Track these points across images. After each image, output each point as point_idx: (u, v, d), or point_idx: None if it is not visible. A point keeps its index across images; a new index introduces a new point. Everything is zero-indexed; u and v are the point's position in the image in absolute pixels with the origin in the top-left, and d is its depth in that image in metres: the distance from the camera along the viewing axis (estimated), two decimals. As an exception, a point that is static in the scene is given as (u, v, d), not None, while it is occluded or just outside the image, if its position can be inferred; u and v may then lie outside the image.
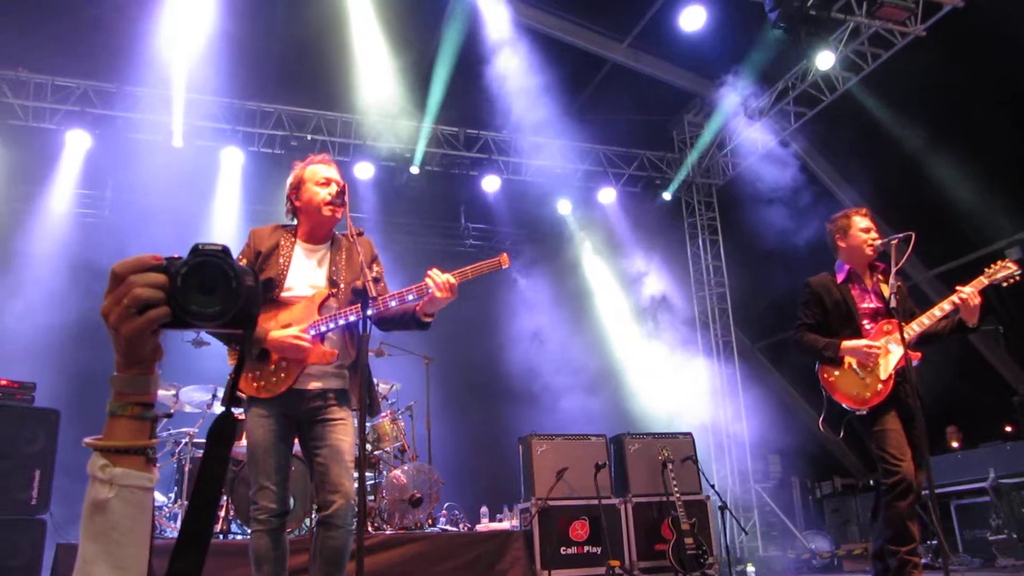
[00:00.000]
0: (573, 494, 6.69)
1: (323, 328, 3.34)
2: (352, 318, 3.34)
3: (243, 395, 3.34)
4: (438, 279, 3.27)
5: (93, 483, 1.14)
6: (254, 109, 9.78)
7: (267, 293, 3.38)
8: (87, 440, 1.17)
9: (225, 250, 1.15)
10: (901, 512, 4.08)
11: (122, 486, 1.13)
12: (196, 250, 1.14)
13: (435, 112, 9.99)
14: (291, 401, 3.33)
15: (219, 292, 1.12)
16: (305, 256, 3.52)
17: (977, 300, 4.22)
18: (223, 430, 1.18)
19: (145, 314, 1.11)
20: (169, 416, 6.46)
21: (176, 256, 1.14)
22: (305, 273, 3.48)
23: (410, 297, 3.34)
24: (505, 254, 3.47)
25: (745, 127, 10.86)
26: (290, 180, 3.60)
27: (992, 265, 4.38)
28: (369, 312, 3.12)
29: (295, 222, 3.62)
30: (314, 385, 3.37)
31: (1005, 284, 4.33)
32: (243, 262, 3.39)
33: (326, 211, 3.48)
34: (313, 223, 3.54)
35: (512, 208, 11.16)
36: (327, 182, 3.51)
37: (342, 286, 3.46)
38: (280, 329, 3.29)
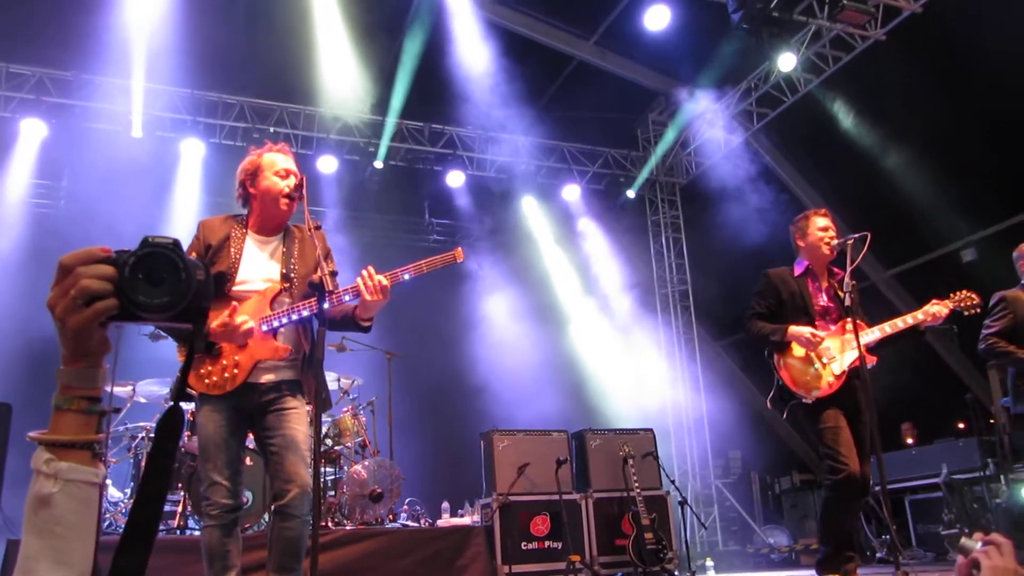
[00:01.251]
0: (534, 489, 6.70)
1: (275, 323, 3.29)
2: (305, 313, 3.29)
3: (194, 392, 3.27)
4: (368, 281, 3.19)
5: (37, 477, 1.12)
6: (215, 100, 9.65)
7: (219, 287, 3.29)
8: (32, 434, 1.15)
9: (175, 243, 1.14)
10: (841, 509, 4.20)
11: (67, 481, 1.11)
12: (145, 242, 1.13)
13: (400, 107, 9.93)
14: (243, 395, 3.29)
15: (167, 284, 1.11)
16: (257, 248, 3.46)
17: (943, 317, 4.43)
18: (170, 424, 1.17)
19: (92, 306, 1.09)
20: (118, 411, 6.36)
21: (127, 250, 1.13)
22: (257, 266, 3.42)
23: (347, 298, 3.28)
24: (459, 248, 3.43)
25: (708, 127, 10.97)
26: (244, 166, 3.51)
27: (958, 292, 4.53)
28: (325, 306, 3.09)
29: (246, 211, 3.55)
30: (267, 378, 3.33)
31: (966, 313, 4.52)
32: (193, 256, 3.33)
33: (283, 203, 3.43)
34: (267, 213, 3.47)
35: (476, 204, 11.15)
36: (286, 174, 3.46)
37: (295, 280, 3.41)
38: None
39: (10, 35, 8.44)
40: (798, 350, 4.43)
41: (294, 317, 3.30)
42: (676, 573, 6.59)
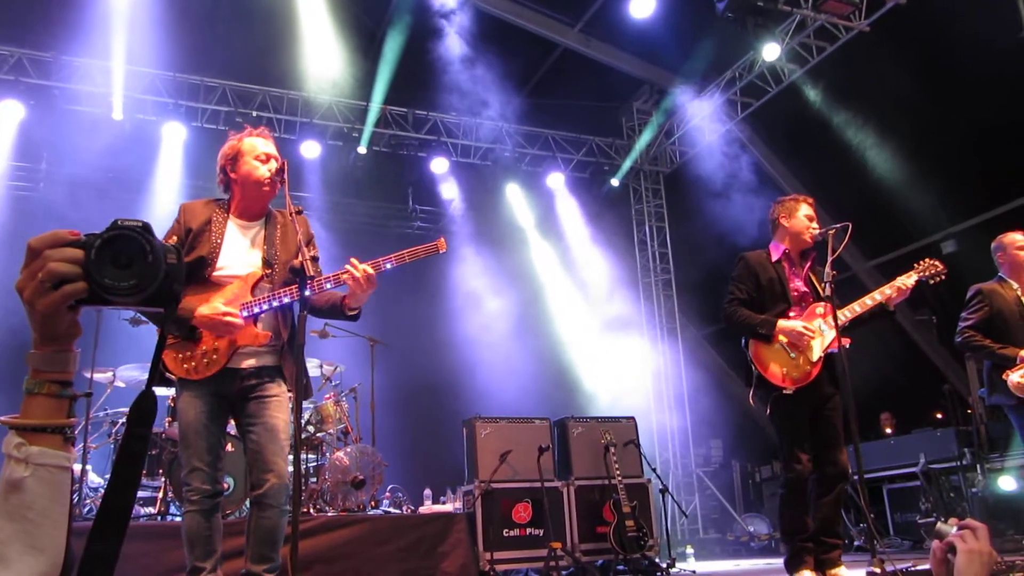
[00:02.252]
0: (516, 477, 6.71)
1: (256, 310, 3.26)
2: (286, 300, 3.27)
3: (174, 377, 3.24)
4: (356, 272, 3.18)
5: (8, 462, 1.10)
6: (197, 83, 9.55)
7: (199, 272, 3.27)
8: (2, 418, 1.13)
9: (145, 226, 1.12)
10: (798, 505, 4.26)
11: (38, 465, 1.10)
12: (114, 224, 1.11)
13: (384, 92, 9.88)
14: (224, 381, 3.26)
15: (135, 267, 1.09)
16: (239, 233, 3.43)
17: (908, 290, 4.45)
18: (142, 408, 1.16)
19: (60, 289, 1.08)
20: (89, 395, 6.29)
21: (95, 233, 1.11)
22: (239, 251, 3.39)
23: (328, 286, 3.25)
24: (442, 239, 3.41)
25: (692, 116, 10.98)
26: (224, 151, 3.48)
27: (923, 261, 4.53)
28: (306, 292, 3.06)
29: (228, 195, 3.52)
30: (247, 364, 3.31)
31: (931, 282, 4.52)
32: (173, 239, 3.32)
33: (265, 187, 3.40)
34: (249, 198, 3.45)
35: (460, 190, 11.12)
36: (267, 158, 3.42)
37: (276, 267, 3.39)
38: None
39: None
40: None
41: (275, 304, 3.27)
42: (656, 560, 6.62)
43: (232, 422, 3.47)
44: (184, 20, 8.46)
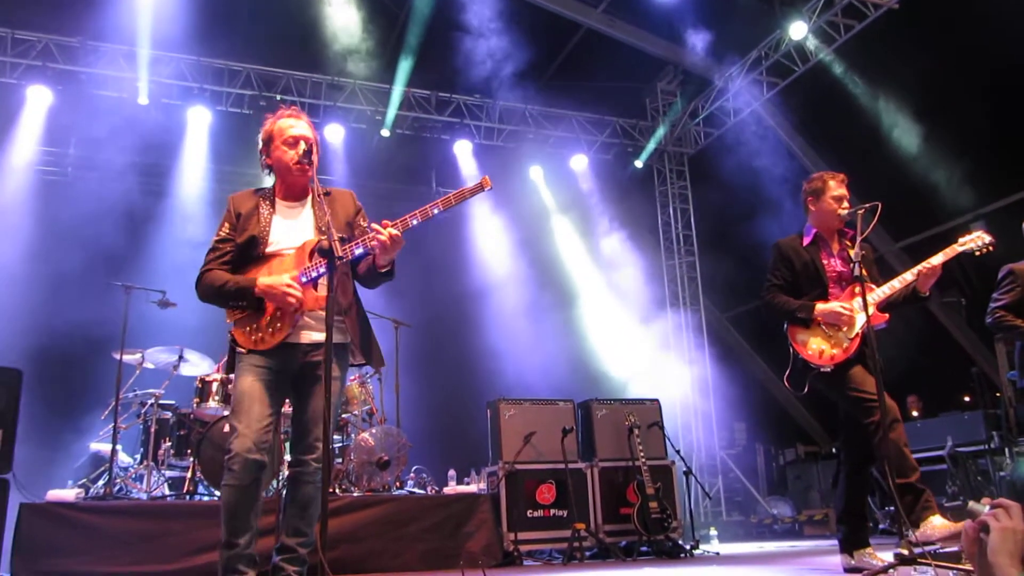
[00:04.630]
0: (540, 458, 6.73)
1: (313, 274, 3.31)
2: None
3: (242, 349, 3.31)
4: (381, 235, 3.22)
5: None
6: (222, 68, 9.60)
7: (253, 250, 3.36)
8: None
9: None
10: (896, 442, 4.11)
11: None
12: None
13: (407, 75, 9.87)
14: (287, 356, 3.30)
15: None
16: (286, 212, 3.49)
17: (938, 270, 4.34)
18: None
19: None
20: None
21: None
22: (288, 228, 3.44)
23: (358, 251, 3.31)
24: (487, 177, 3.36)
25: (717, 96, 10.87)
26: (261, 135, 3.54)
27: (966, 233, 4.44)
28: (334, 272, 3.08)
29: (271, 179, 3.59)
30: (309, 338, 3.35)
31: (978, 253, 4.39)
32: (226, 227, 3.43)
33: (296, 171, 3.44)
34: (286, 182, 3.51)
35: (483, 173, 11.01)
36: (295, 141, 3.45)
37: (323, 238, 3.43)
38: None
39: (16, 1, 8.39)
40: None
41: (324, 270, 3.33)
42: (680, 542, 6.63)
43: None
44: (207, 4, 8.48)
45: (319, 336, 3.34)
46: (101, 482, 6.04)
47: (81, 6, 8.51)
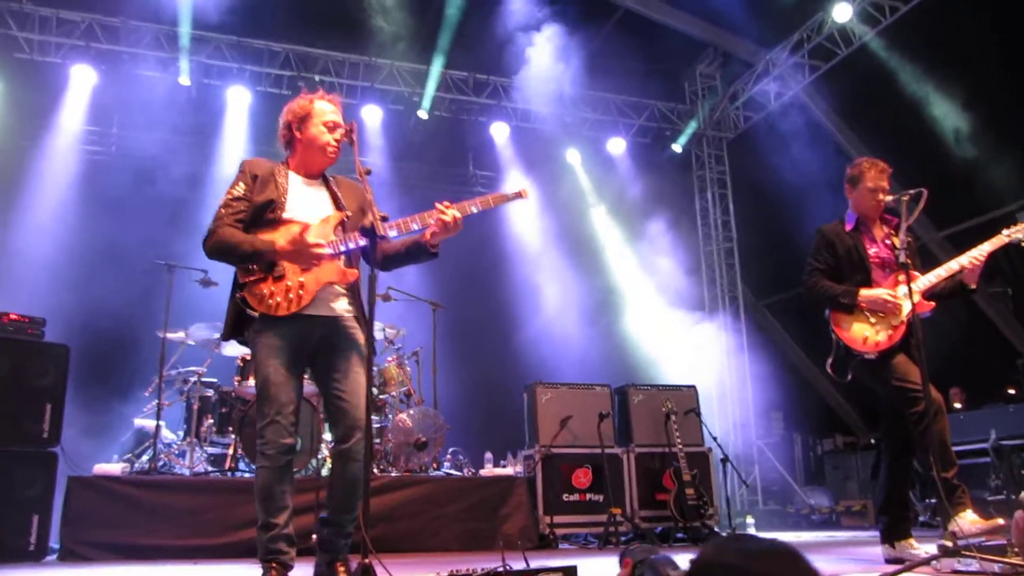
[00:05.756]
0: (576, 442, 6.73)
1: (342, 248, 3.30)
2: (363, 242, 3.32)
3: (254, 313, 3.22)
4: (445, 216, 3.29)
5: None
6: (261, 48, 9.65)
7: (269, 214, 3.30)
8: None
9: None
10: (939, 434, 4.06)
11: None
12: None
13: (444, 56, 9.84)
14: (306, 326, 3.27)
15: None
16: (303, 185, 3.46)
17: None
18: None
19: None
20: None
21: None
22: (306, 199, 3.41)
23: (414, 226, 3.32)
24: (525, 188, 3.46)
25: (758, 80, 10.71)
26: (295, 109, 3.48)
27: (1014, 224, 4.34)
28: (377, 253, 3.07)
29: (288, 152, 3.54)
30: (330, 312, 3.33)
31: None
32: (240, 187, 3.35)
33: (330, 152, 3.44)
34: (310, 160, 3.48)
35: (520, 155, 11.03)
36: (334, 126, 3.45)
37: (349, 213, 3.43)
38: None
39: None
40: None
41: (362, 242, 3.32)
42: (716, 529, 6.61)
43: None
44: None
45: (340, 309, 3.35)
46: (145, 457, 6.15)
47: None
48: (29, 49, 8.95)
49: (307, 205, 3.39)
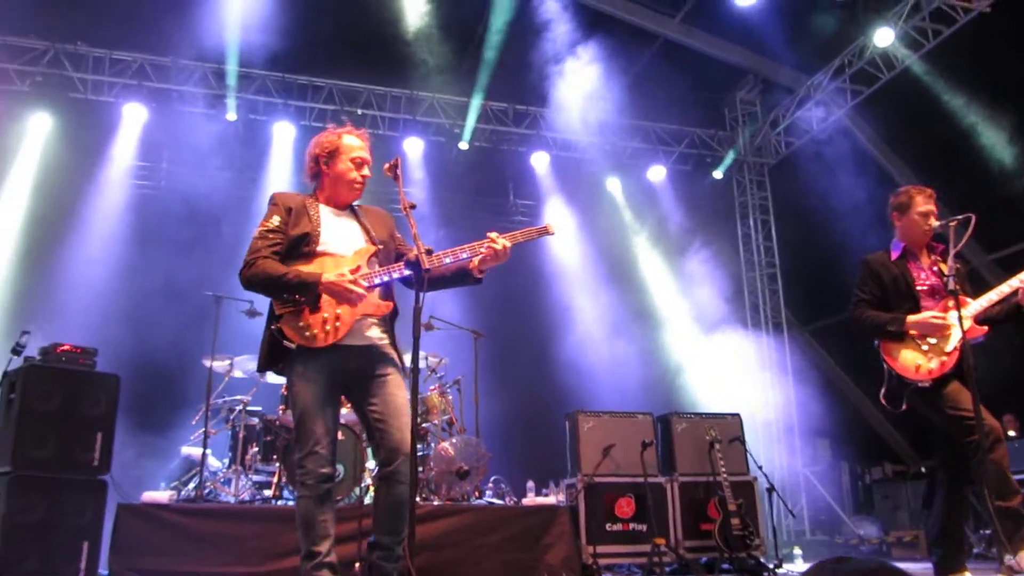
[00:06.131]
0: (619, 471, 6.67)
1: (376, 280, 3.37)
2: (396, 275, 3.42)
3: (291, 345, 3.28)
4: (496, 245, 3.40)
5: None
6: (305, 83, 9.89)
7: (305, 247, 3.37)
8: None
9: None
10: (998, 463, 3.96)
11: None
12: None
13: (484, 88, 9.98)
14: (341, 357, 3.33)
15: None
16: (333, 216, 3.54)
17: None
18: None
19: None
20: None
21: None
22: (337, 232, 3.48)
23: (464, 255, 3.41)
24: (551, 223, 3.60)
25: (799, 105, 10.66)
26: (322, 143, 3.57)
27: None
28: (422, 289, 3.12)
29: (314, 184, 3.63)
30: (364, 341, 3.39)
31: None
32: (275, 219, 3.42)
33: (356, 188, 3.55)
34: (337, 194, 3.57)
35: (561, 184, 11.09)
36: (361, 163, 3.53)
37: (380, 246, 3.49)
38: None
39: (113, 22, 8.79)
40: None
41: (395, 275, 3.42)
42: (762, 560, 6.48)
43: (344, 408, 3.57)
44: (291, 22, 8.72)
45: (374, 337, 3.42)
46: (192, 484, 6.23)
47: (173, 26, 8.86)
48: (83, 89, 9.28)
49: (340, 237, 3.47)
